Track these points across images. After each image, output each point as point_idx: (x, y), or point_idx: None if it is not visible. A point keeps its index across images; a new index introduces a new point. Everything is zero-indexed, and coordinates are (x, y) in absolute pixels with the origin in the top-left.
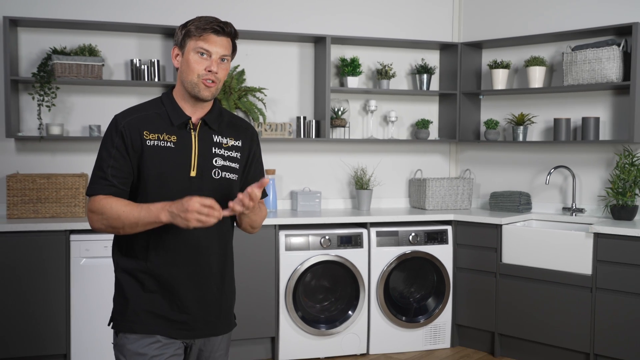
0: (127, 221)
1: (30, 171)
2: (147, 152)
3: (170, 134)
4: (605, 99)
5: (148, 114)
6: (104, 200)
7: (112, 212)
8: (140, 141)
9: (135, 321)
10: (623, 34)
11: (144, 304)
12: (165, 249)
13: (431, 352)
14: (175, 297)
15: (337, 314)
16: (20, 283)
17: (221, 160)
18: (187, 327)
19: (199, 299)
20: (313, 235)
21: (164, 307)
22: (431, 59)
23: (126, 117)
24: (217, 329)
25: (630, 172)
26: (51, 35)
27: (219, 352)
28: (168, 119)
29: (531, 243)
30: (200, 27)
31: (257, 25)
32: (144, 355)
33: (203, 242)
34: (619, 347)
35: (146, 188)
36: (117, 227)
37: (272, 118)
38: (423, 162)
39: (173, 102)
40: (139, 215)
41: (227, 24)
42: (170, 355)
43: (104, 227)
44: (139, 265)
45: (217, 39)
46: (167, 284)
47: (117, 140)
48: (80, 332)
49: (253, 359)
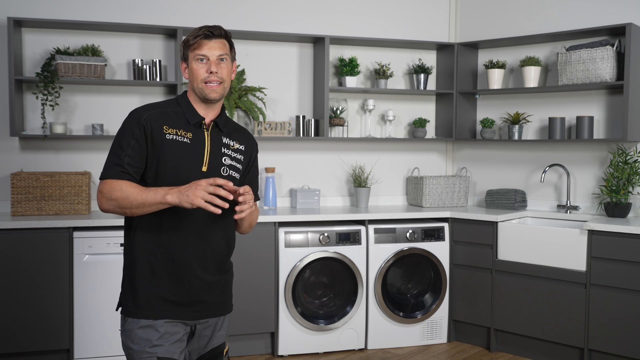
0: (135, 201)
1: (34, 169)
2: (166, 146)
3: (187, 130)
4: (599, 99)
5: (167, 111)
6: (115, 182)
7: (121, 192)
8: (160, 135)
9: (145, 307)
10: (617, 35)
11: (154, 289)
12: (177, 233)
13: (428, 347)
14: (184, 280)
15: (335, 309)
16: (24, 279)
17: (229, 160)
18: (194, 309)
19: (206, 280)
20: (312, 232)
21: (174, 291)
22: (428, 59)
23: (148, 111)
24: (222, 309)
25: (624, 170)
26: (55, 35)
27: (221, 331)
28: (184, 117)
29: (526, 240)
30: (193, 36)
31: (257, 25)
32: (150, 341)
33: (211, 228)
34: (612, 342)
35: (162, 178)
36: (125, 206)
37: (272, 117)
38: (420, 160)
39: (188, 103)
40: (147, 196)
41: (215, 28)
42: (177, 340)
43: (112, 207)
44: (151, 249)
45: (209, 43)
46: (177, 267)
47: (137, 132)
48: (83, 328)
49: (253, 353)
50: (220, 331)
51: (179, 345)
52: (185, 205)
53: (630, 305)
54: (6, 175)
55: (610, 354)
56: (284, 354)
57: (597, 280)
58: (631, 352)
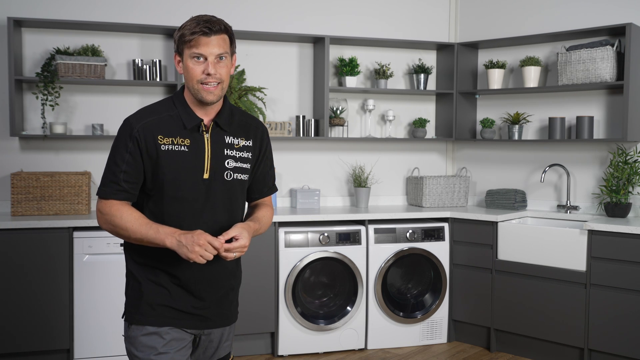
0: (134, 235)
1: (34, 169)
2: (162, 157)
3: (184, 137)
4: (599, 99)
5: (161, 117)
6: (115, 207)
7: (121, 222)
8: (155, 146)
9: (149, 314)
10: (617, 35)
11: (158, 298)
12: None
13: (428, 347)
14: (190, 292)
15: (335, 309)
16: (24, 279)
17: (233, 162)
18: (200, 319)
19: (214, 292)
20: (312, 232)
21: (179, 301)
22: (428, 59)
23: (140, 121)
24: (228, 319)
25: (624, 170)
26: (55, 35)
27: (227, 341)
28: (181, 122)
29: (526, 240)
30: (190, 32)
31: (257, 25)
32: (155, 348)
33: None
34: (612, 342)
35: (160, 190)
36: (123, 236)
37: (272, 117)
38: (420, 160)
39: (185, 104)
40: (147, 234)
41: (214, 23)
42: (181, 348)
43: (110, 230)
44: (154, 264)
45: (208, 40)
46: (181, 281)
47: (130, 145)
48: (83, 328)
49: (253, 353)
50: (227, 342)
51: (184, 353)
52: (182, 256)
53: (630, 305)
54: (6, 175)
55: (610, 354)
56: (284, 354)
57: (597, 280)
58: (631, 352)
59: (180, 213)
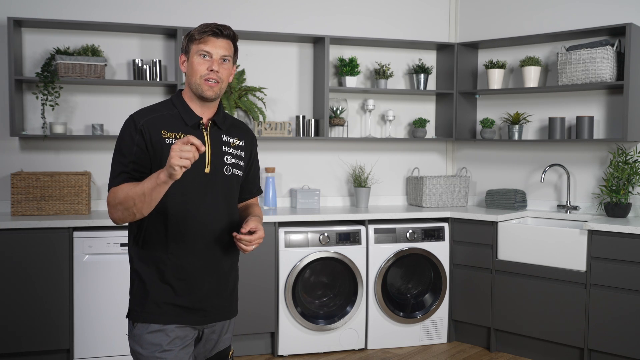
0: (135, 195)
1: (34, 169)
2: (167, 150)
3: (186, 133)
4: (599, 99)
5: (163, 115)
6: (116, 188)
7: (122, 193)
8: (159, 139)
9: (154, 312)
10: (617, 35)
11: (163, 296)
12: (183, 240)
13: (428, 347)
14: (193, 286)
15: (335, 309)
16: (24, 279)
17: (231, 158)
18: (203, 314)
19: (215, 286)
20: (312, 232)
21: (183, 297)
22: (428, 59)
23: (143, 117)
24: (229, 313)
25: (624, 170)
26: (55, 35)
27: (227, 334)
28: (181, 120)
29: (526, 240)
30: (201, 31)
31: (257, 25)
32: (160, 346)
33: (217, 232)
34: (612, 342)
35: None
36: (130, 206)
37: (272, 117)
38: (420, 160)
39: (184, 104)
40: (143, 186)
41: (225, 27)
42: (186, 345)
43: (121, 212)
44: (159, 257)
45: (216, 41)
46: (186, 273)
47: (137, 138)
48: (83, 328)
49: (253, 353)
50: (227, 334)
51: (187, 351)
52: (174, 176)
53: (630, 305)
54: (6, 175)
55: (610, 354)
56: (284, 354)
57: (597, 280)
58: (631, 352)
59: (183, 206)
